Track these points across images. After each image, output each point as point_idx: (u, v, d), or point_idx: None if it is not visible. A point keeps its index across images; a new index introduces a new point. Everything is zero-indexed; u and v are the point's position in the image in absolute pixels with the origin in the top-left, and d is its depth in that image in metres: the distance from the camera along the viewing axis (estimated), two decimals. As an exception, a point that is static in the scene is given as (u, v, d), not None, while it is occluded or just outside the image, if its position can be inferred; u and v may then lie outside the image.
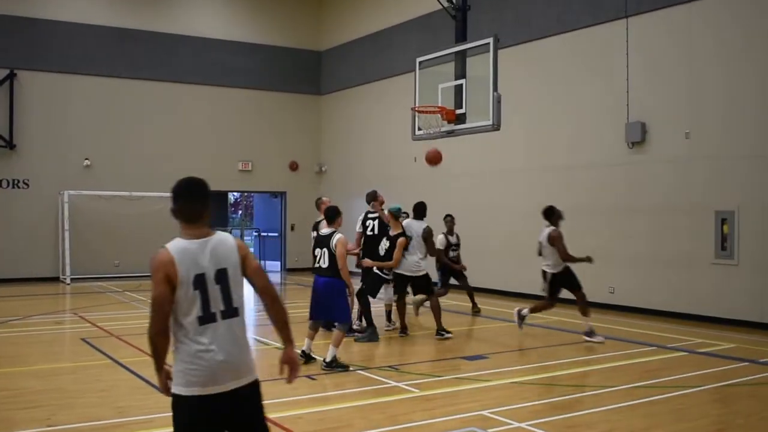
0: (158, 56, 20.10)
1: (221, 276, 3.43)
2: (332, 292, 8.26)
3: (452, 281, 12.76)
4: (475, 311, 12.89)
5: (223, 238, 3.53)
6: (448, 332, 10.45)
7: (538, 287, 14.81)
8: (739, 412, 6.68)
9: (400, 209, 10.44)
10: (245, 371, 3.50)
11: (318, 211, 10.95)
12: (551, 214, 10.22)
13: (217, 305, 3.41)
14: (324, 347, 8.63)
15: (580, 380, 7.86)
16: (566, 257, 9.98)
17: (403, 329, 10.62)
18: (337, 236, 8.23)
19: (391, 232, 10.36)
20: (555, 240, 9.98)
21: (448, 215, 12.83)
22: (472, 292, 13.02)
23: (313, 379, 7.75)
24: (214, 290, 3.40)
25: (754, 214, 11.28)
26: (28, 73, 18.54)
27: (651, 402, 6.86)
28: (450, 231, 12.73)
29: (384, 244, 10.39)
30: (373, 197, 10.96)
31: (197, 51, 20.62)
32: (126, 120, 19.63)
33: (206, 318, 3.38)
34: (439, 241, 12.43)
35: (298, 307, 14.84)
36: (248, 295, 3.53)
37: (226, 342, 3.41)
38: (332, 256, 8.18)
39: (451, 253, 12.67)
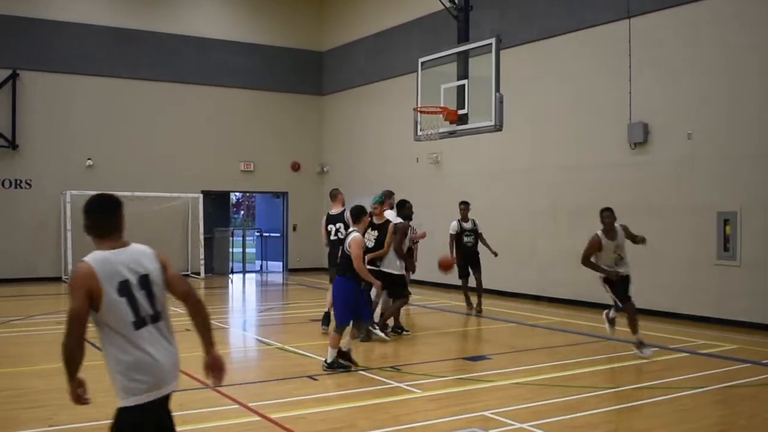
0: (160, 57, 20.11)
1: (144, 282, 3.47)
2: (338, 290, 8.31)
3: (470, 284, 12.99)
4: (477, 311, 12.92)
5: (141, 247, 3.58)
6: (388, 335, 10.15)
7: (538, 288, 14.92)
8: (742, 413, 6.67)
9: (382, 197, 10.39)
10: (176, 375, 3.55)
11: (332, 202, 10.89)
12: (600, 216, 9.34)
13: (146, 310, 3.44)
14: (325, 348, 8.61)
15: (583, 381, 7.84)
16: (583, 260, 9.19)
17: (399, 329, 10.60)
18: (352, 236, 8.21)
19: (376, 221, 10.16)
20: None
21: (462, 202, 13.22)
22: (481, 293, 13.09)
23: (315, 379, 7.76)
24: (140, 295, 3.43)
25: (756, 215, 11.26)
26: (31, 74, 18.55)
27: (653, 403, 6.85)
28: (464, 218, 13.11)
29: (370, 234, 10.13)
30: (387, 197, 10.92)
31: (199, 51, 20.64)
32: (128, 120, 19.64)
33: (139, 323, 3.41)
34: (452, 227, 12.96)
35: (300, 307, 14.87)
36: (249, 297, 3.53)
37: (161, 346, 3.46)
38: (344, 255, 8.19)
39: (465, 239, 13.01)
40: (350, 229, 8.41)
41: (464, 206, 13.15)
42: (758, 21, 11.41)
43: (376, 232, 10.09)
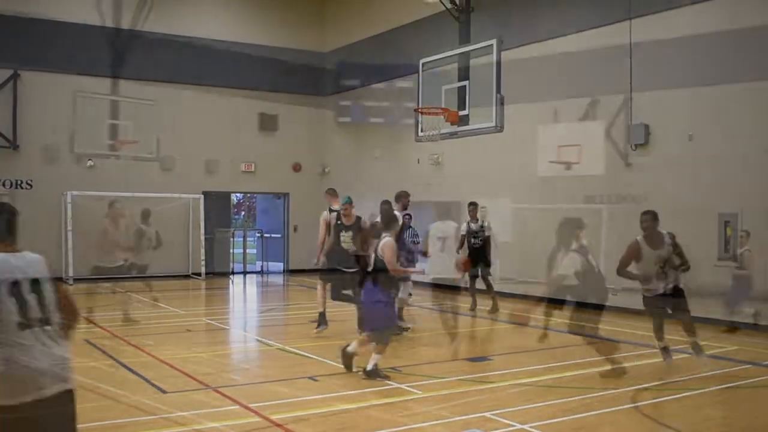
0: (162, 57, 20.06)
1: (35, 286, 3.55)
2: (365, 295, 8.22)
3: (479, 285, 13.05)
4: (471, 309, 13.01)
5: (33, 255, 3.71)
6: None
7: (539, 289, 14.86)
8: (743, 414, 6.67)
9: (350, 199, 10.37)
10: (51, 381, 3.52)
11: (331, 199, 10.81)
12: (640, 219, 8.42)
13: (33, 313, 3.50)
14: (329, 348, 8.61)
15: (584, 382, 7.84)
16: (619, 269, 8.27)
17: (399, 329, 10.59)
18: (383, 241, 8.08)
19: (346, 222, 10.15)
20: None
21: (471, 203, 13.24)
22: (493, 295, 13.19)
23: (316, 380, 7.75)
24: (30, 298, 3.50)
25: (757, 216, 11.25)
26: (32, 74, 18.55)
27: (654, 404, 6.85)
28: (473, 218, 13.13)
29: (345, 235, 10.10)
30: (402, 197, 10.85)
31: (200, 52, 20.58)
32: (129, 120, 19.60)
33: (25, 325, 3.45)
34: (463, 227, 12.96)
35: (301, 308, 14.87)
36: (250, 298, 3.53)
37: (44, 349, 3.49)
38: (377, 260, 8.07)
39: (472, 240, 13.06)
40: (383, 235, 8.30)
41: (472, 207, 13.17)
42: (758, 22, 11.40)
43: (350, 232, 10.08)
